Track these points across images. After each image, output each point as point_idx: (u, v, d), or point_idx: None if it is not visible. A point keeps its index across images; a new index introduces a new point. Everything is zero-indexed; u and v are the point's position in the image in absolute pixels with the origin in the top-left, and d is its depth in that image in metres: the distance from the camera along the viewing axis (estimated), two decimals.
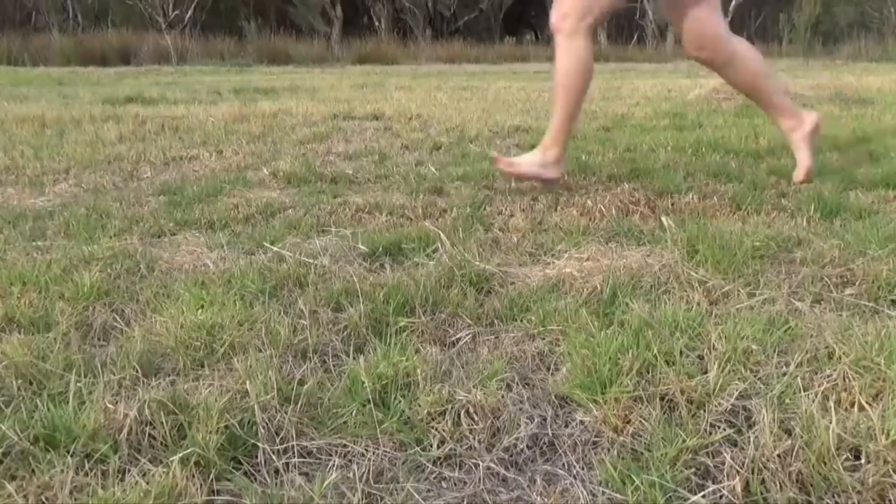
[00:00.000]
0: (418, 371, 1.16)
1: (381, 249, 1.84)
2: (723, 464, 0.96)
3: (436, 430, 1.04)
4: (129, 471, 0.94)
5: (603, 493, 0.92)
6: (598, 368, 1.15)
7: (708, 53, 2.48)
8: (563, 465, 0.99)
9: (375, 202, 2.37)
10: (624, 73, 12.34)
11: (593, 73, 2.42)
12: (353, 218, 2.21)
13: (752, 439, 0.99)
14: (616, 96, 6.74)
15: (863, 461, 0.94)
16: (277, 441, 1.02)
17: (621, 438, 1.02)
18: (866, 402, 1.06)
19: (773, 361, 1.19)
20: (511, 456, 1.01)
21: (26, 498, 0.88)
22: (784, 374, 1.15)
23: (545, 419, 1.09)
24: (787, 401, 1.09)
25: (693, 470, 0.95)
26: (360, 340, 1.34)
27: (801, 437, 0.98)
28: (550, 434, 1.05)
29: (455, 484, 0.95)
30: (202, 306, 1.43)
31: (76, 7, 19.37)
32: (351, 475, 0.95)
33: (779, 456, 0.95)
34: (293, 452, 1.00)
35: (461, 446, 1.02)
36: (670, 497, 0.90)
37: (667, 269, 1.64)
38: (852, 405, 1.06)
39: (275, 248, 1.84)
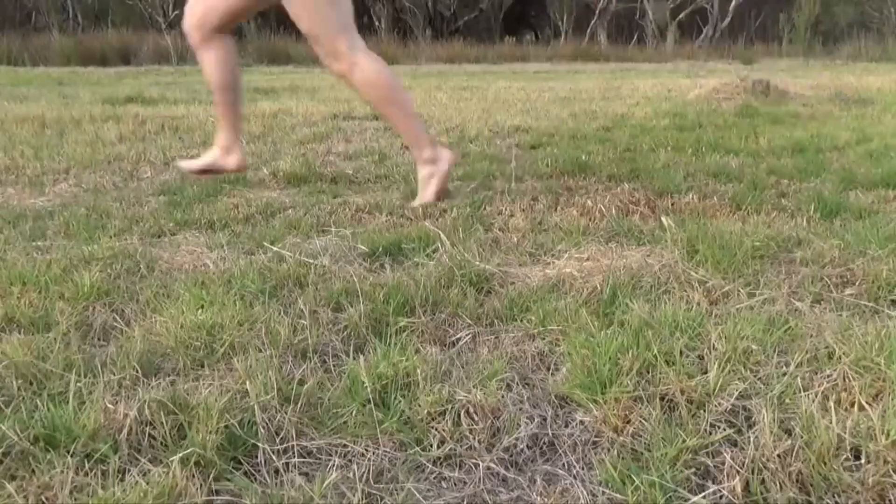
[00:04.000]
0: (418, 371, 1.16)
1: (381, 249, 1.84)
2: (723, 464, 0.96)
3: (436, 430, 1.04)
4: (129, 471, 0.94)
5: (603, 493, 0.92)
6: (598, 368, 1.15)
7: None
8: (563, 465, 0.99)
9: (375, 202, 2.37)
10: (624, 73, 12.34)
11: (234, 65, 2.48)
12: (353, 218, 2.21)
13: (752, 439, 0.99)
14: (616, 96, 6.74)
15: (863, 461, 0.94)
16: (277, 441, 1.02)
17: (621, 438, 1.02)
18: (866, 402, 1.06)
19: (773, 361, 1.20)
20: (511, 456, 1.01)
21: (26, 498, 0.88)
22: (784, 374, 1.15)
23: (545, 419, 1.09)
24: (787, 401, 1.09)
25: (693, 470, 0.95)
26: (360, 340, 1.34)
27: (801, 437, 0.98)
28: (550, 434, 1.05)
29: (455, 484, 0.95)
30: (202, 306, 1.43)
31: (76, 7, 19.36)
32: (351, 475, 0.95)
33: (779, 456, 0.95)
34: (293, 452, 1.00)
35: (461, 446, 1.02)
36: (670, 497, 0.90)
37: (667, 269, 1.64)
38: (852, 405, 1.06)
39: (275, 248, 1.84)
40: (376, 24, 21.59)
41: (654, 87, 7.93)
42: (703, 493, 0.91)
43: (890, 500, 0.89)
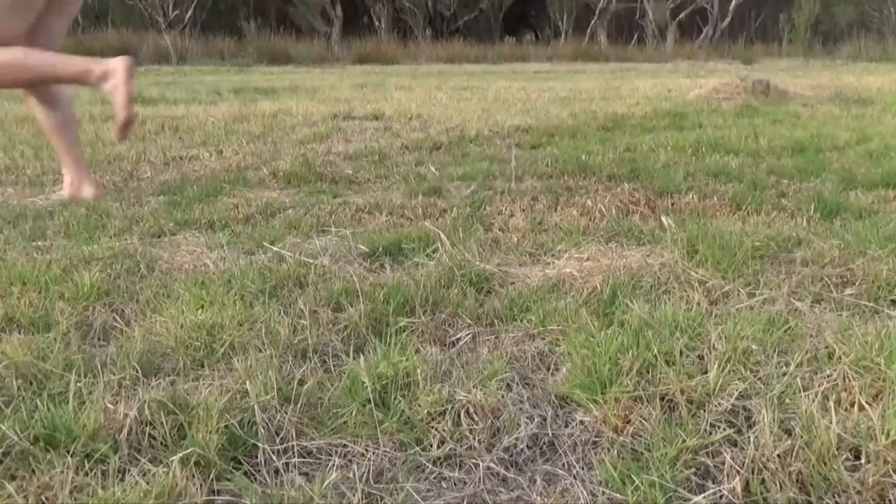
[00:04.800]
0: (418, 371, 1.16)
1: (381, 249, 1.84)
2: (723, 464, 0.95)
3: (436, 430, 1.04)
4: (129, 471, 0.94)
5: (603, 493, 0.92)
6: (598, 368, 1.15)
7: None
8: (563, 465, 0.99)
9: (375, 202, 2.37)
10: (624, 73, 12.34)
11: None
12: (353, 218, 2.21)
13: (752, 439, 0.99)
14: (616, 96, 6.75)
15: (863, 461, 0.94)
16: (277, 441, 1.02)
17: (621, 438, 1.02)
18: (866, 402, 1.06)
19: (773, 361, 1.19)
20: (511, 456, 1.01)
21: (26, 498, 0.88)
22: (784, 374, 1.15)
23: (545, 419, 1.09)
24: (787, 401, 1.09)
25: (693, 470, 0.95)
26: (360, 340, 1.34)
27: (801, 437, 0.98)
28: (550, 434, 1.05)
29: (455, 484, 0.95)
30: (202, 306, 1.43)
31: None
32: (351, 475, 0.95)
33: (779, 456, 0.95)
34: (293, 452, 1.00)
35: (461, 446, 1.02)
36: (670, 497, 0.90)
37: (667, 269, 1.64)
38: (852, 405, 1.06)
39: (275, 248, 1.84)
40: (376, 24, 21.60)
41: (654, 87, 7.93)
42: (703, 494, 0.91)
43: (890, 500, 0.89)
